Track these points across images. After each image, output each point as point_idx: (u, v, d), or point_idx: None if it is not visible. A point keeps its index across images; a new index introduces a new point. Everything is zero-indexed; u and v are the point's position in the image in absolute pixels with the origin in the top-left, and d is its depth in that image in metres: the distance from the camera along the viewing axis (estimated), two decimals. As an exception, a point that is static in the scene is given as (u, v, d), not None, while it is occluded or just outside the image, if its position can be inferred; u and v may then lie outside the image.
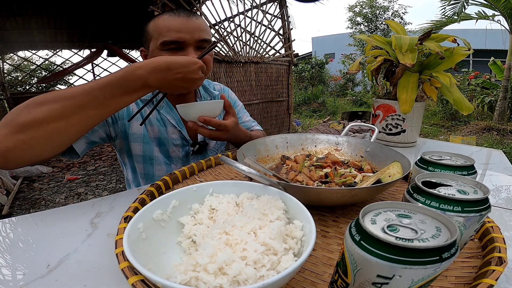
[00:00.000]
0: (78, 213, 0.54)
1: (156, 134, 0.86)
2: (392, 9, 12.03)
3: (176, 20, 0.73)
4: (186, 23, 0.73)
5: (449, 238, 0.23)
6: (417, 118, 0.97)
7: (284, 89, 3.58)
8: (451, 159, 0.45)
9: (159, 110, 0.86)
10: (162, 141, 0.87)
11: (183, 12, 0.75)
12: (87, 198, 2.68)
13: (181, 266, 0.31)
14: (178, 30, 0.72)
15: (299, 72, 9.51)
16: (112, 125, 0.80)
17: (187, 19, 0.74)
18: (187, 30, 0.73)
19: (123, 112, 0.81)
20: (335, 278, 0.28)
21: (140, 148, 0.84)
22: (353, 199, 0.48)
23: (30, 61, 6.49)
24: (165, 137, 0.86)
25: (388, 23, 1.08)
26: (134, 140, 0.83)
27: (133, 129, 0.83)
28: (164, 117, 0.86)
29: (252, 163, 0.47)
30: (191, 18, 0.75)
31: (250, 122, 1.10)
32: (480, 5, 4.72)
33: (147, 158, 0.85)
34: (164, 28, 0.73)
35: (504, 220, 0.52)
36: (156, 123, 0.86)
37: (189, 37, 0.74)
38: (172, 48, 0.74)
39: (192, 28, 0.74)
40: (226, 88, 1.08)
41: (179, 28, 0.73)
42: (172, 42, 0.73)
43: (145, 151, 0.85)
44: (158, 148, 0.86)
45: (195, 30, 0.74)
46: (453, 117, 5.74)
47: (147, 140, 0.84)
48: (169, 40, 0.72)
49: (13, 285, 0.36)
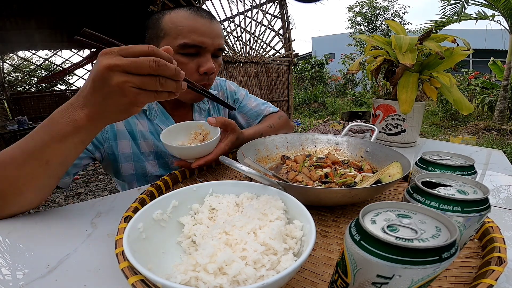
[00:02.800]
0: (78, 213, 0.54)
1: (152, 148, 0.78)
2: (392, 9, 12.05)
3: (200, 21, 0.67)
4: (209, 26, 0.68)
5: (449, 238, 0.23)
6: (417, 118, 0.97)
7: (284, 89, 3.58)
8: (451, 159, 0.45)
9: (153, 121, 0.78)
10: (159, 154, 0.80)
11: (205, 13, 0.69)
12: (87, 198, 2.68)
13: (181, 266, 0.31)
14: (201, 33, 0.66)
15: (299, 72, 9.51)
16: (97, 149, 0.72)
17: (210, 23, 0.68)
18: (210, 34, 0.67)
19: (107, 133, 0.72)
20: (335, 278, 0.28)
21: (131, 166, 0.77)
22: (353, 199, 0.48)
23: (30, 61, 6.50)
24: (162, 150, 0.79)
25: (388, 23, 1.08)
26: (124, 160, 0.76)
27: (122, 148, 0.75)
28: (159, 128, 0.78)
29: (252, 163, 0.47)
30: (213, 21, 0.69)
31: (259, 106, 1.02)
32: (480, 5, 4.72)
33: (140, 175, 0.79)
34: (186, 29, 0.66)
35: (504, 220, 0.52)
36: (150, 136, 0.77)
37: (211, 43, 0.68)
38: (190, 52, 0.68)
39: (215, 34, 0.69)
40: (223, 80, 1.00)
41: (203, 31, 0.66)
42: (193, 46, 0.66)
43: (138, 169, 0.78)
44: (155, 161, 0.79)
45: (216, 36, 0.69)
46: (453, 117, 5.74)
47: (138, 157, 0.77)
48: (191, 43, 0.66)
49: (13, 285, 0.36)
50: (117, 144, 0.74)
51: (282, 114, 1.05)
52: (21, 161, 0.46)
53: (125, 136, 0.75)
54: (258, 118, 1.02)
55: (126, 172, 0.78)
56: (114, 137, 0.74)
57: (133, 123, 0.76)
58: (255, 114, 1.01)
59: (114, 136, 0.74)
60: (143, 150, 0.78)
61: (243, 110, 1.02)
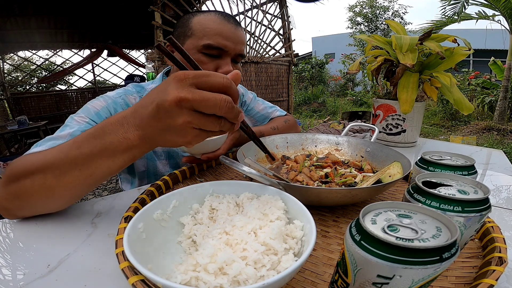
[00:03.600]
0: (78, 213, 0.54)
1: (165, 148, 0.82)
2: (392, 9, 12.05)
3: (226, 26, 0.70)
4: (234, 31, 0.71)
5: (449, 238, 0.23)
6: (417, 118, 0.97)
7: (284, 89, 3.58)
8: (451, 159, 0.45)
9: None
10: (171, 154, 0.84)
11: (232, 18, 0.73)
12: (87, 198, 2.68)
13: (181, 266, 0.31)
14: (226, 37, 0.70)
15: (299, 72, 9.51)
16: None
17: (236, 29, 0.72)
18: (233, 39, 0.71)
19: None
20: (335, 278, 0.28)
21: (144, 163, 0.81)
22: (353, 199, 0.48)
23: (30, 61, 6.50)
24: (174, 150, 0.83)
25: (388, 23, 1.08)
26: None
27: None
28: None
29: (252, 163, 0.47)
30: (238, 28, 0.73)
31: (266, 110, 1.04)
32: (480, 5, 4.72)
33: (151, 173, 0.82)
34: (212, 31, 0.69)
35: (505, 220, 0.52)
36: None
37: (233, 48, 0.71)
38: (212, 54, 0.71)
39: (238, 39, 0.72)
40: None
41: (227, 35, 0.70)
42: (216, 47, 0.70)
43: (149, 166, 0.81)
44: (166, 161, 0.83)
45: (239, 42, 0.72)
46: (453, 117, 5.74)
47: (151, 156, 0.81)
48: (214, 45, 0.69)
49: (13, 285, 0.36)
50: None
51: (289, 118, 1.06)
52: (64, 170, 0.43)
53: None
54: (265, 121, 1.04)
55: (139, 168, 0.81)
56: None
57: None
58: (262, 117, 1.03)
59: None
60: (156, 149, 0.81)
61: (251, 113, 1.04)
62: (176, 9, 2.44)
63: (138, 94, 0.80)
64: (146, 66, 6.02)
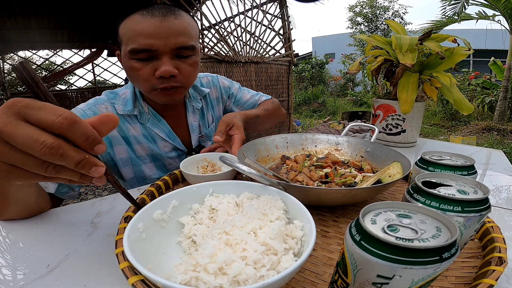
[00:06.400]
0: (78, 213, 0.54)
1: (147, 151, 0.79)
2: (393, 9, 12.04)
3: (148, 22, 0.61)
4: (159, 25, 0.61)
5: (449, 238, 0.23)
6: (417, 118, 0.97)
7: (284, 89, 3.57)
8: (451, 159, 0.45)
9: (145, 124, 0.78)
10: (156, 157, 0.80)
11: (158, 11, 0.62)
12: (87, 198, 2.68)
13: (181, 266, 0.31)
14: (149, 35, 0.61)
15: (299, 72, 9.50)
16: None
17: (162, 20, 0.61)
18: (160, 35, 0.61)
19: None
20: (335, 278, 0.28)
21: (130, 170, 0.78)
22: (353, 199, 0.48)
23: (30, 61, 6.49)
24: (158, 152, 0.79)
25: (388, 23, 1.08)
26: (123, 165, 0.77)
27: (119, 154, 0.75)
28: (152, 131, 0.78)
29: (252, 163, 0.47)
30: (167, 18, 0.62)
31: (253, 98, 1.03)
32: (480, 5, 4.72)
33: (140, 179, 0.80)
34: (133, 33, 0.62)
35: (504, 220, 0.52)
36: (143, 140, 0.77)
37: (162, 44, 0.62)
38: (142, 57, 0.63)
39: (167, 33, 0.62)
40: (215, 77, 0.98)
41: (150, 33, 0.61)
42: (141, 50, 0.62)
43: (136, 172, 0.79)
44: (152, 164, 0.80)
45: (170, 34, 0.62)
46: (453, 117, 5.74)
47: (136, 161, 0.78)
48: (138, 48, 0.62)
49: (13, 285, 0.36)
50: (114, 150, 0.75)
51: (274, 100, 1.07)
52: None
53: (120, 142, 0.75)
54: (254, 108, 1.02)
55: (127, 176, 0.79)
56: (110, 144, 0.74)
57: (126, 128, 0.76)
58: (251, 105, 1.02)
59: (109, 143, 0.74)
60: (139, 154, 0.78)
61: (239, 103, 1.02)
62: (176, 9, 2.44)
63: (110, 101, 0.76)
64: (146, 66, 6.01)
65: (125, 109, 0.75)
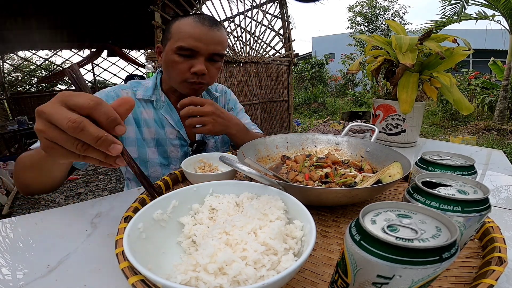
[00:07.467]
0: (78, 213, 0.54)
1: (154, 135, 0.86)
2: (392, 9, 12.04)
3: (199, 28, 0.75)
4: (206, 33, 0.75)
5: (449, 238, 0.23)
6: (417, 118, 0.97)
7: (284, 89, 3.57)
8: (451, 159, 0.45)
9: (158, 110, 0.87)
10: (160, 142, 0.87)
11: (208, 21, 0.77)
12: (87, 198, 2.68)
13: (181, 266, 0.31)
14: (197, 38, 0.74)
15: (299, 72, 9.50)
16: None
17: (209, 30, 0.76)
18: (205, 40, 0.75)
19: None
20: (335, 278, 0.28)
21: (135, 150, 0.84)
22: (353, 199, 0.48)
23: (30, 61, 6.50)
24: (163, 137, 0.87)
25: (388, 23, 1.08)
26: (129, 143, 0.83)
27: (128, 133, 0.83)
28: (163, 117, 0.87)
29: (252, 163, 0.47)
30: (213, 28, 0.76)
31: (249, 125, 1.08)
32: (480, 5, 4.72)
33: (141, 160, 0.85)
34: (185, 34, 0.74)
35: (504, 220, 0.52)
36: (153, 124, 0.86)
37: (204, 48, 0.76)
38: (185, 54, 0.76)
39: (210, 40, 0.76)
40: (228, 90, 1.10)
41: (198, 37, 0.74)
42: (187, 49, 0.75)
43: (140, 154, 0.85)
44: (155, 149, 0.86)
45: (211, 42, 0.76)
46: (453, 117, 5.74)
47: (141, 143, 0.85)
48: (185, 46, 0.74)
49: (13, 285, 0.36)
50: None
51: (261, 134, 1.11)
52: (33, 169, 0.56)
53: (131, 122, 0.83)
54: None
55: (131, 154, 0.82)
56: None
57: (139, 111, 0.85)
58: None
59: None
60: (146, 137, 0.85)
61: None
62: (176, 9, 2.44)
63: (132, 89, 0.86)
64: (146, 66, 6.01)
65: (145, 94, 0.86)
